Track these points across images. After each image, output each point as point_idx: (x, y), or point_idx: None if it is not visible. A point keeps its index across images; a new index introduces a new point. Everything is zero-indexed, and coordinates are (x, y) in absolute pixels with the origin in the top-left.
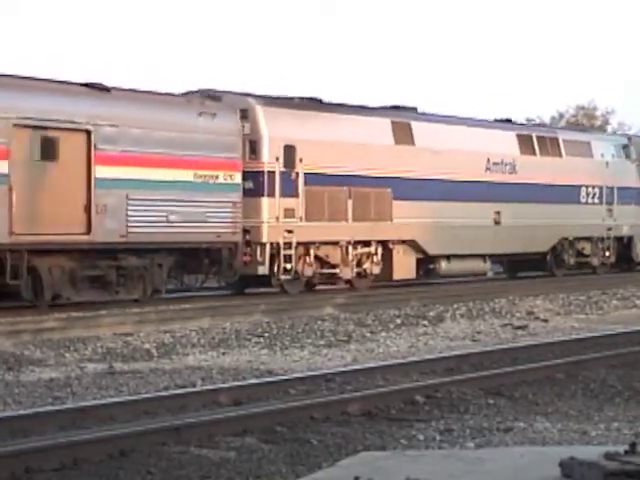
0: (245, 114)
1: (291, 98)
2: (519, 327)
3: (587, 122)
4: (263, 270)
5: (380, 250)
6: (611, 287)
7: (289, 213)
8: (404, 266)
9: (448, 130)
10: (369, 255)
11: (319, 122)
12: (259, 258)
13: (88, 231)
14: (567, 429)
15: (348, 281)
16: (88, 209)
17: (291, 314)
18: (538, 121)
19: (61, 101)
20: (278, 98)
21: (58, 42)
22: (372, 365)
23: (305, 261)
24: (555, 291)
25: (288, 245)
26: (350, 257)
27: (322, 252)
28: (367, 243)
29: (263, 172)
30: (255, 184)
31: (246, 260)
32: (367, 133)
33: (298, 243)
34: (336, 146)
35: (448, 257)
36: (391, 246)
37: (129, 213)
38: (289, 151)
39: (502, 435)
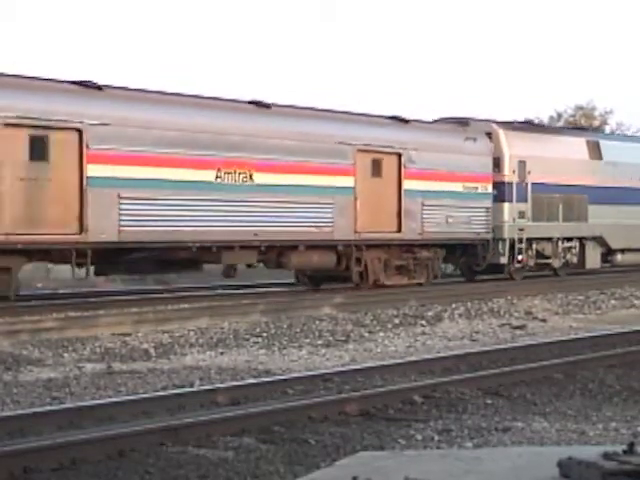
0: (490, 136)
1: (511, 122)
2: (517, 327)
3: (585, 122)
4: (504, 260)
5: (577, 245)
6: (609, 287)
7: (521, 215)
8: (593, 258)
9: (622, 146)
10: (570, 249)
11: (539, 141)
12: (501, 251)
13: (399, 230)
14: (565, 429)
15: (553, 269)
16: (399, 213)
17: (289, 314)
18: (537, 121)
19: (383, 132)
20: (509, 122)
21: (57, 46)
22: (370, 365)
23: (528, 253)
24: (553, 291)
25: (520, 240)
26: (559, 250)
27: (540, 246)
28: (570, 239)
29: (504, 183)
30: (499, 192)
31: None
32: (570, 150)
33: (526, 239)
34: (551, 161)
35: (622, 250)
36: (584, 242)
37: (424, 216)
38: (521, 166)
39: (500, 435)
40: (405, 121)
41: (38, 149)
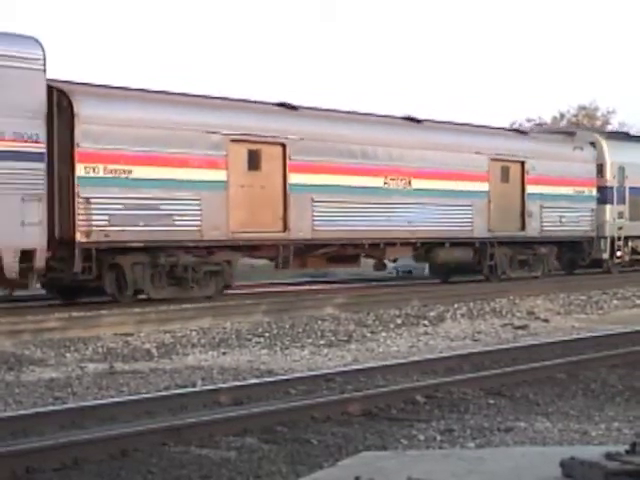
0: (593, 145)
1: (612, 132)
2: (520, 327)
3: (588, 122)
4: (605, 256)
5: None
6: (611, 287)
7: (620, 215)
8: None
9: None
10: None
11: (635, 149)
12: (602, 247)
13: (523, 229)
14: (568, 429)
15: None
16: (522, 214)
17: (291, 314)
18: (539, 121)
19: (509, 142)
20: (610, 133)
21: (57, 46)
22: (372, 365)
23: (625, 250)
24: (555, 291)
25: (619, 238)
26: None
27: (634, 244)
28: None
29: (606, 187)
30: (601, 195)
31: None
32: None
33: (624, 237)
34: None
35: None
36: None
37: (542, 216)
38: (620, 171)
39: (503, 435)
40: (525, 133)
41: (254, 161)
